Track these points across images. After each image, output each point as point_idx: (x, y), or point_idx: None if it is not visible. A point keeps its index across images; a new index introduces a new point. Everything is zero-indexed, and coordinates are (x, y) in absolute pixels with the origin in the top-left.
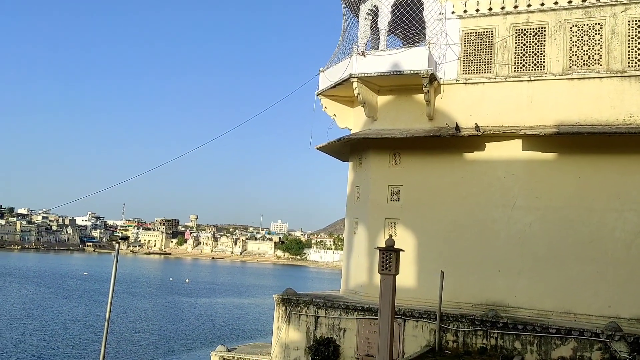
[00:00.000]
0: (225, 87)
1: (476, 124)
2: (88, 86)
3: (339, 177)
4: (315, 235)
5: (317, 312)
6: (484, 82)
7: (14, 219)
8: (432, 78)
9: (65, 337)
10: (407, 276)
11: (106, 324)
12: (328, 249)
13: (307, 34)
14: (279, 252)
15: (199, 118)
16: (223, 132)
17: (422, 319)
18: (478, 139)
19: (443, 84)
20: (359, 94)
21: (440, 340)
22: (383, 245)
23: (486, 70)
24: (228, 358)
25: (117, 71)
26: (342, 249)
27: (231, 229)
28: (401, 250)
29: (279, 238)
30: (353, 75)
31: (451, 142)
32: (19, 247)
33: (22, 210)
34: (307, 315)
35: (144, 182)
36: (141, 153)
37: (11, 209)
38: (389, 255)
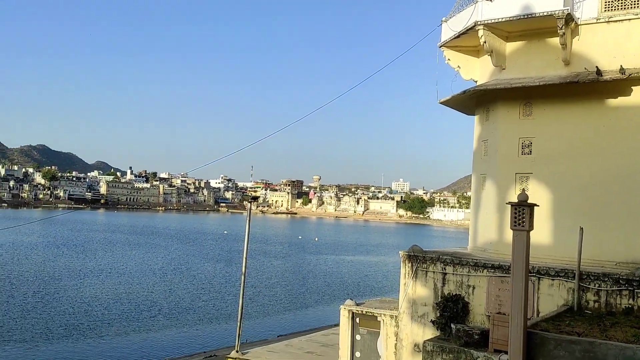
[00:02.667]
0: (344, 47)
1: (621, 66)
2: (220, 59)
3: (464, 133)
4: (438, 194)
5: (445, 269)
6: (630, 19)
7: (157, 183)
8: (569, 19)
9: (209, 290)
10: (540, 233)
11: (242, 277)
12: (452, 207)
13: None
14: (401, 211)
15: (320, 81)
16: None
17: (558, 277)
18: (623, 83)
19: (581, 25)
20: (485, 42)
21: (579, 299)
22: (514, 200)
23: (633, 5)
24: (357, 312)
25: (253, 47)
26: (466, 208)
27: (353, 189)
28: (535, 205)
29: (401, 197)
30: (479, 23)
31: (591, 88)
32: (163, 208)
33: (163, 175)
34: (434, 272)
35: (270, 145)
36: (267, 117)
37: (154, 174)
38: (522, 211)
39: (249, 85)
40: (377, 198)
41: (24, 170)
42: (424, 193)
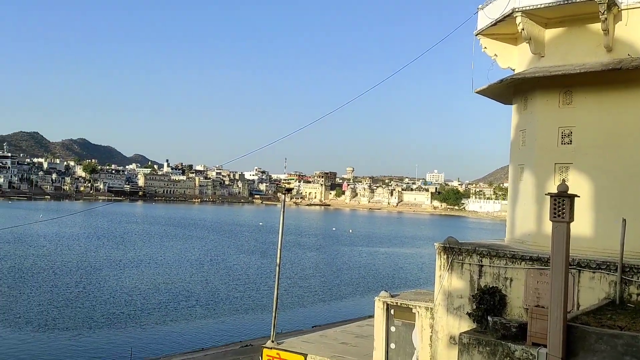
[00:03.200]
0: (378, 39)
1: None
2: (254, 50)
3: (500, 122)
4: (474, 185)
5: (481, 261)
6: None
7: (193, 175)
8: (611, 3)
9: (244, 281)
10: (581, 224)
11: (277, 269)
12: (488, 198)
13: None
14: (436, 203)
15: (354, 72)
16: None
17: (600, 270)
18: None
19: (624, 9)
20: (523, 29)
21: (621, 293)
22: (554, 191)
23: None
24: (391, 303)
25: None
26: (502, 199)
27: (386, 180)
28: (576, 196)
29: (436, 188)
30: (516, 9)
31: (634, 74)
32: (199, 199)
33: (199, 167)
34: (470, 264)
35: (304, 137)
36: (300, 109)
37: (190, 166)
38: (562, 202)
39: (283, 76)
40: (411, 189)
41: (65, 163)
42: (459, 184)
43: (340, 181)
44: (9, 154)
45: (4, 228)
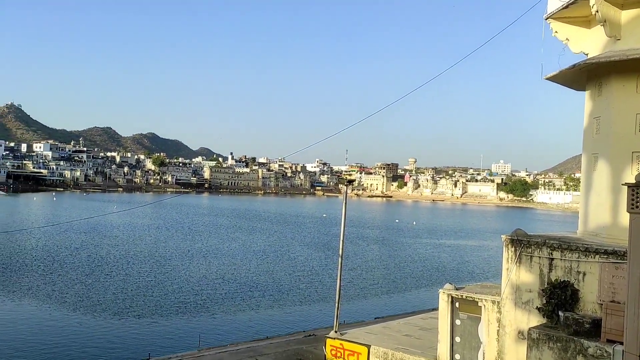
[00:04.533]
0: (439, 27)
1: None
2: (312, 44)
3: (571, 110)
4: (543, 176)
5: (551, 254)
6: None
7: (256, 167)
8: None
9: (307, 272)
10: None
11: (340, 260)
12: (558, 189)
13: None
14: (502, 194)
15: (415, 60)
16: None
17: None
18: None
19: None
20: (597, 11)
21: None
22: (631, 181)
23: None
24: (456, 296)
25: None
26: (574, 190)
27: (450, 171)
28: None
29: (502, 179)
30: None
31: None
32: (262, 191)
33: (261, 160)
34: (539, 257)
35: (365, 128)
36: (360, 100)
37: (253, 159)
38: None
39: (342, 68)
40: (476, 180)
41: (136, 157)
42: (527, 175)
43: (402, 172)
44: (85, 149)
45: (81, 219)
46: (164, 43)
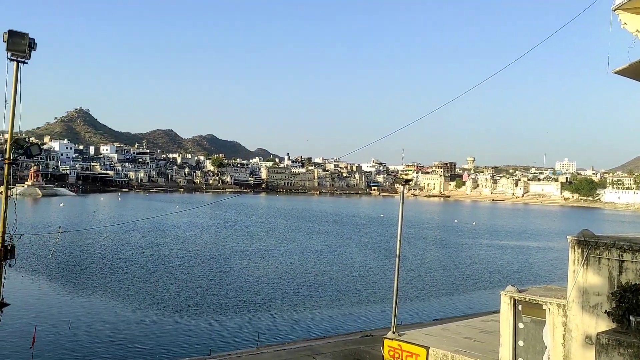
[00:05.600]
0: (501, 26)
1: None
2: (372, 43)
3: None
4: (611, 174)
5: (622, 256)
6: None
7: (312, 168)
8: None
9: (365, 272)
10: None
11: (397, 260)
12: (627, 188)
13: None
14: (567, 193)
15: (472, 57)
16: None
17: None
18: None
19: None
20: None
21: None
22: None
23: None
24: (519, 299)
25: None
26: None
27: (511, 170)
28: None
29: (566, 178)
30: None
31: None
32: (318, 191)
33: (317, 160)
34: (608, 259)
35: (421, 126)
36: (416, 99)
37: (309, 159)
38: None
39: (400, 67)
40: (538, 179)
41: (196, 158)
42: (594, 173)
43: (460, 172)
44: (148, 151)
45: (144, 218)
46: (221, 50)
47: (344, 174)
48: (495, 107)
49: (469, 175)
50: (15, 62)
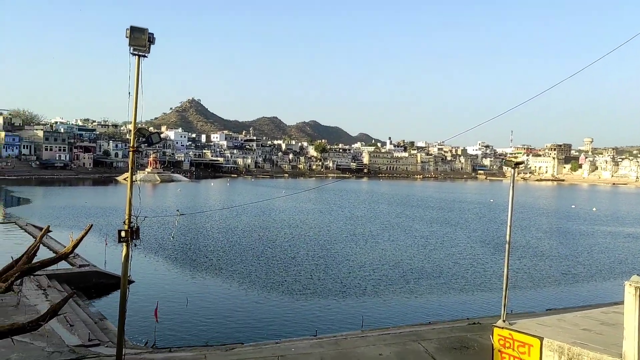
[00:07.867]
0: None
1: None
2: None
3: None
4: None
5: None
6: None
7: (415, 152)
8: None
9: (472, 258)
10: None
11: (507, 246)
12: None
13: None
14: None
15: (586, 39)
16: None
17: None
18: None
19: None
20: None
21: None
22: None
23: None
24: None
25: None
26: None
27: (634, 152)
28: None
29: None
30: None
31: None
32: (421, 176)
33: (420, 144)
34: None
35: (532, 108)
36: (525, 78)
37: (412, 143)
38: None
39: (505, 46)
40: None
41: (299, 144)
42: None
43: (576, 154)
44: (254, 138)
45: (252, 202)
46: (325, 40)
47: (449, 158)
48: (615, 82)
49: (586, 157)
50: (137, 57)
